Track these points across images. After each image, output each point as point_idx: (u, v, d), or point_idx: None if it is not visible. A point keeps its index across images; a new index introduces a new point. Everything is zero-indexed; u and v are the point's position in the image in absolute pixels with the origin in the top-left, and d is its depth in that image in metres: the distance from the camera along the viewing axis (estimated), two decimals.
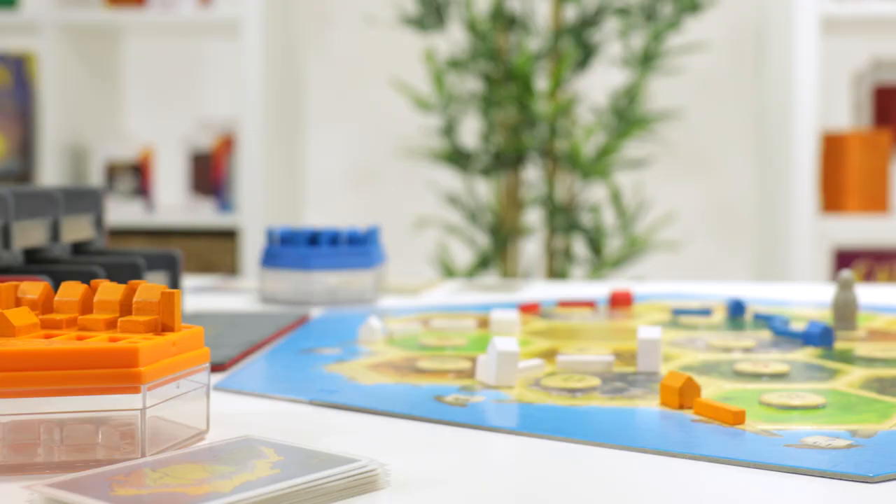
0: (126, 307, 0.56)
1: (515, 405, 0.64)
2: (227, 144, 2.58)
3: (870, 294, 1.14)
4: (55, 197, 0.89)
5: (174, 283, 0.96)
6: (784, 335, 0.86)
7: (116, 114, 2.82)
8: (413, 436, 0.58)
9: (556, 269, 2.52)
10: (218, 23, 2.54)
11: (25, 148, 2.62)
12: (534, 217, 2.66)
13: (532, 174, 2.56)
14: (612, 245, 2.51)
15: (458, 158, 2.51)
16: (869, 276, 2.47)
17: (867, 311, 1.00)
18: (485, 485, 0.49)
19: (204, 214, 2.53)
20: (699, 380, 0.70)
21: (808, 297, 1.12)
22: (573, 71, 2.46)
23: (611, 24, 2.50)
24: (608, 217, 2.69)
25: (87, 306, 0.57)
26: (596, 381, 0.69)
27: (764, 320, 0.93)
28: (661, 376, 0.71)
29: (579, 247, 2.56)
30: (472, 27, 2.45)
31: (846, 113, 2.68)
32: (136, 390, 0.50)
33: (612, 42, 2.55)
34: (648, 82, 2.49)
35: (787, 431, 0.58)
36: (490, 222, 2.51)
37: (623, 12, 2.46)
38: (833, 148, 2.39)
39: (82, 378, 0.50)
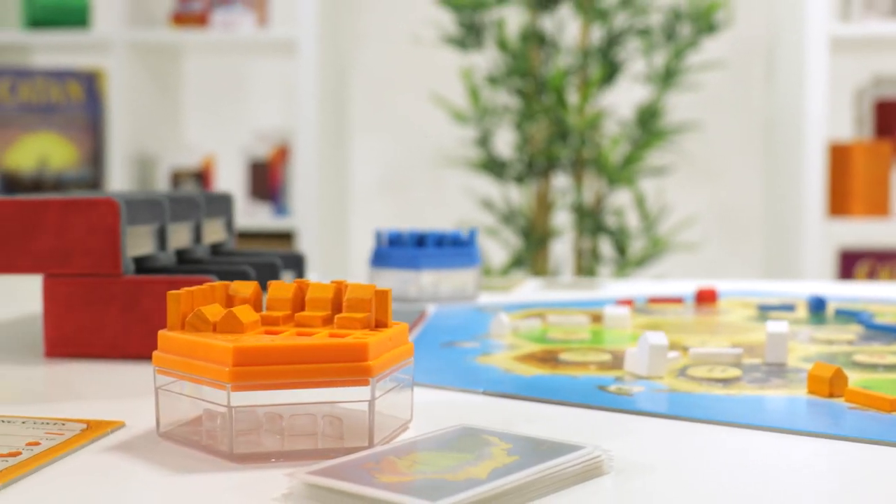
0: (336, 305, 0.55)
1: (674, 394, 0.62)
2: (283, 153, 2.56)
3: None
4: (198, 202, 0.88)
5: None
6: (876, 329, 0.85)
7: (178, 125, 2.80)
8: (593, 423, 0.56)
9: (584, 268, 2.50)
10: (274, 42, 2.52)
11: (96, 157, 2.60)
12: (563, 219, 2.64)
13: (562, 181, 2.55)
14: (636, 246, 2.50)
15: (493, 167, 2.49)
16: (872, 275, 2.46)
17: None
18: (694, 471, 0.48)
19: (262, 218, 2.52)
20: None
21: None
22: (600, 87, 2.45)
23: (634, 44, 2.49)
24: (632, 220, 2.68)
25: (297, 304, 0.56)
26: (738, 372, 0.67)
27: (849, 315, 0.92)
28: (790, 368, 0.70)
29: (605, 247, 2.55)
30: (503, 46, 2.44)
31: (849, 125, 2.67)
32: (365, 383, 0.49)
33: (636, 60, 2.54)
34: (668, 97, 2.48)
35: None
36: (523, 225, 2.50)
37: (645, 33, 2.45)
38: (839, 157, 2.38)
39: (316, 371, 0.49)
